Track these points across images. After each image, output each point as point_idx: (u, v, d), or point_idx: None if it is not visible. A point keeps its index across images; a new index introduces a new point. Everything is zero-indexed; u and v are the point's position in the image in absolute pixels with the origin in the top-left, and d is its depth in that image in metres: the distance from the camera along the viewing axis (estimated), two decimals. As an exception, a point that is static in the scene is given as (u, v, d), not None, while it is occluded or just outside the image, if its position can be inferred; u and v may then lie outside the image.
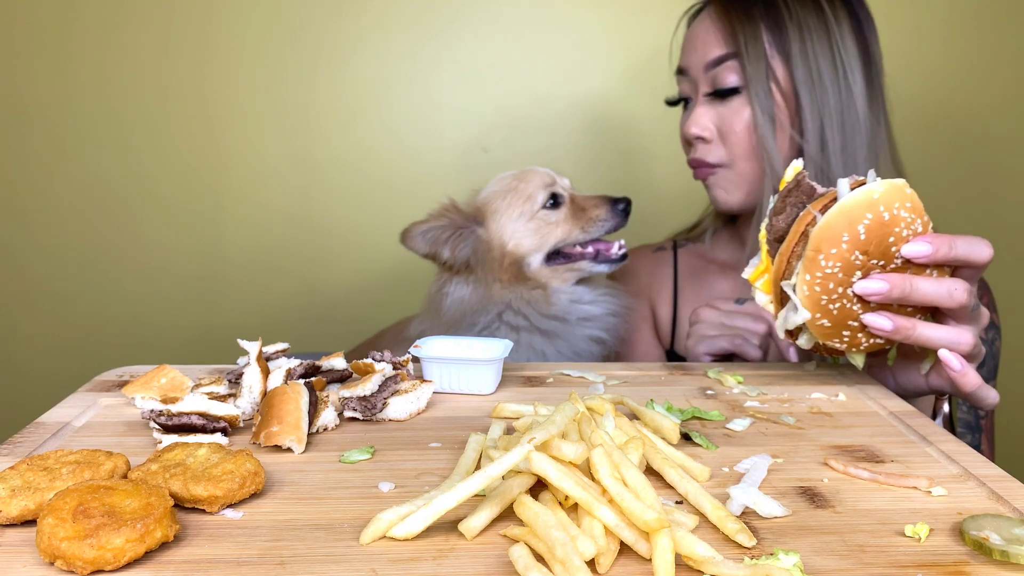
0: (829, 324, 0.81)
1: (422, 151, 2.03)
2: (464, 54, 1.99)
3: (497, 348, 0.92)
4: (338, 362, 0.90)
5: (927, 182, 0.85)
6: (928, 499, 0.64)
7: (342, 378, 0.88)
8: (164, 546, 0.55)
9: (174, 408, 0.75)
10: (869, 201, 0.75)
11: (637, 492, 0.56)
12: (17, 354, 2.09)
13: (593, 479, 0.57)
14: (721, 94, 1.16)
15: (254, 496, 0.63)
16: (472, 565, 0.54)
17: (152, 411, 0.75)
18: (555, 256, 1.46)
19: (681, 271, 1.42)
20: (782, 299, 0.84)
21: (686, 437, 0.76)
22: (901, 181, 0.77)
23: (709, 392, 0.91)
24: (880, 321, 0.79)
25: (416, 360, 0.92)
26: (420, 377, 0.90)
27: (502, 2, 1.97)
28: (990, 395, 0.88)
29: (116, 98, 1.97)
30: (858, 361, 0.88)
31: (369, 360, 0.88)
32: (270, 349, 0.91)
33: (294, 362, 0.86)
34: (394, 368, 0.88)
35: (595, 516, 0.54)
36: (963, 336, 0.80)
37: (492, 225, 1.45)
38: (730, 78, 1.14)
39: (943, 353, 0.81)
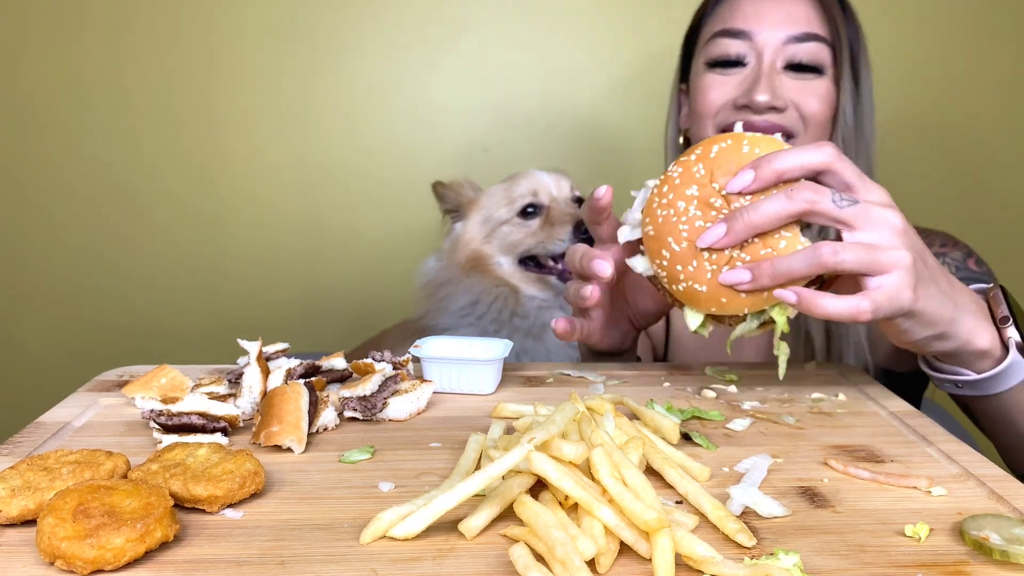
0: (653, 232, 0.74)
1: (422, 151, 2.03)
2: (464, 54, 1.99)
3: (497, 348, 0.92)
4: (338, 362, 0.90)
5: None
6: (928, 499, 0.64)
7: (342, 378, 0.88)
8: (164, 546, 0.55)
9: (174, 408, 0.75)
10: (738, 135, 0.74)
11: (637, 492, 0.56)
12: (17, 354, 2.09)
13: (593, 479, 0.57)
14: (801, 69, 1.12)
15: (254, 496, 0.63)
16: (472, 565, 0.54)
17: (152, 411, 0.75)
18: (529, 262, 1.53)
19: None
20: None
21: (686, 437, 0.76)
22: (779, 137, 0.75)
23: (709, 392, 0.91)
24: (737, 275, 0.70)
25: (416, 360, 0.92)
26: (420, 377, 0.90)
27: (502, 3, 1.97)
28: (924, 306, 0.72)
29: (118, 98, 1.97)
30: (690, 320, 0.76)
31: (369, 360, 0.88)
32: (270, 349, 0.91)
33: (294, 362, 0.86)
34: (394, 368, 0.88)
35: (595, 516, 0.54)
36: (821, 250, 0.68)
37: (471, 217, 1.54)
38: (819, 57, 1.11)
39: (807, 300, 0.69)
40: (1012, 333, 0.78)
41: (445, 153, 2.03)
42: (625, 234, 0.79)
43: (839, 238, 0.71)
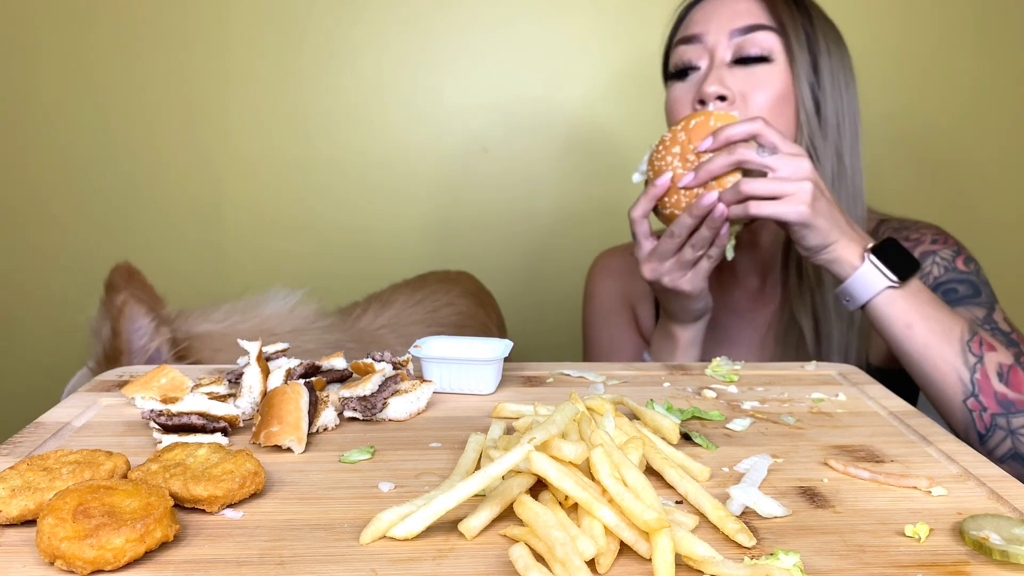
0: (652, 177, 1.13)
1: (422, 151, 2.03)
2: (464, 55, 1.99)
3: (497, 348, 0.92)
4: (338, 362, 0.90)
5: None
6: (928, 499, 0.64)
7: (342, 378, 0.88)
8: (164, 546, 0.55)
9: (174, 408, 0.75)
10: (708, 111, 1.10)
11: (637, 492, 0.56)
12: (17, 354, 2.09)
13: (593, 479, 0.57)
14: (747, 61, 1.16)
15: (254, 496, 0.63)
16: (472, 565, 0.54)
17: (152, 411, 0.75)
18: None
19: None
20: None
21: (686, 437, 0.76)
22: (736, 114, 1.10)
23: (709, 392, 0.91)
24: (708, 196, 1.04)
25: (416, 360, 0.92)
26: (420, 377, 0.90)
27: (502, 3, 1.97)
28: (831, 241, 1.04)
29: (116, 100, 1.97)
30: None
31: (369, 360, 0.88)
32: (270, 349, 0.91)
33: (294, 362, 0.86)
34: (394, 368, 0.88)
35: (595, 516, 0.54)
36: (741, 183, 1.02)
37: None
38: (763, 45, 1.15)
39: (751, 205, 1.03)
40: (871, 257, 1.03)
41: (445, 153, 2.03)
42: (636, 179, 1.17)
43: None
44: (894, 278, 1.02)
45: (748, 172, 1.05)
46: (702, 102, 1.18)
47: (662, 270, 1.12)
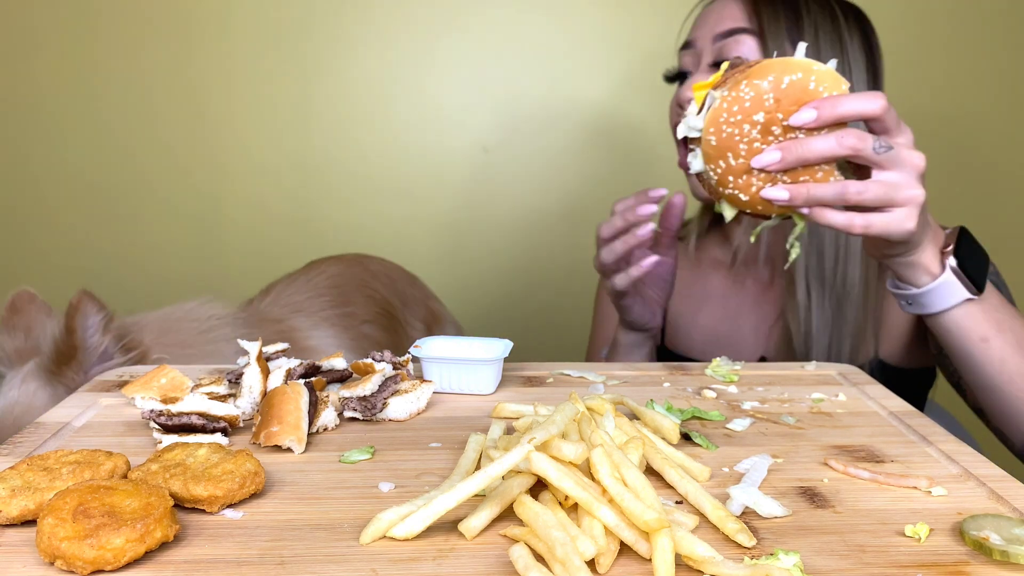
0: (715, 143, 0.83)
1: (422, 151, 2.03)
2: (464, 55, 1.99)
3: (497, 348, 0.92)
4: (338, 362, 0.90)
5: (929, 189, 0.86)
6: (928, 499, 0.64)
7: (342, 378, 0.88)
8: (164, 546, 0.55)
9: (174, 408, 0.75)
10: (808, 67, 0.80)
11: (637, 492, 0.56)
12: (17, 354, 2.09)
13: (593, 479, 0.57)
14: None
15: (254, 496, 0.63)
16: (472, 565, 0.54)
17: (152, 411, 0.75)
18: None
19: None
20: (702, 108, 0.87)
21: (686, 437, 0.76)
22: (845, 82, 0.82)
23: (709, 392, 0.91)
24: (777, 192, 0.81)
25: (416, 360, 0.92)
26: (420, 377, 0.90)
27: (502, 3, 1.97)
28: (924, 257, 0.90)
29: (114, 99, 1.97)
30: (727, 212, 0.87)
31: (369, 360, 0.88)
32: (270, 349, 0.91)
33: (294, 362, 0.86)
34: (394, 368, 0.88)
35: (595, 516, 0.54)
36: (849, 187, 0.81)
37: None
38: (738, 50, 1.16)
39: (817, 211, 0.82)
40: (951, 260, 0.92)
41: (445, 153, 2.03)
42: (682, 131, 0.88)
43: (868, 172, 0.83)
44: (975, 289, 0.92)
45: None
46: (680, 107, 1.19)
47: (602, 255, 1.10)
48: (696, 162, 0.87)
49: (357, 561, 0.54)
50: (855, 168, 0.85)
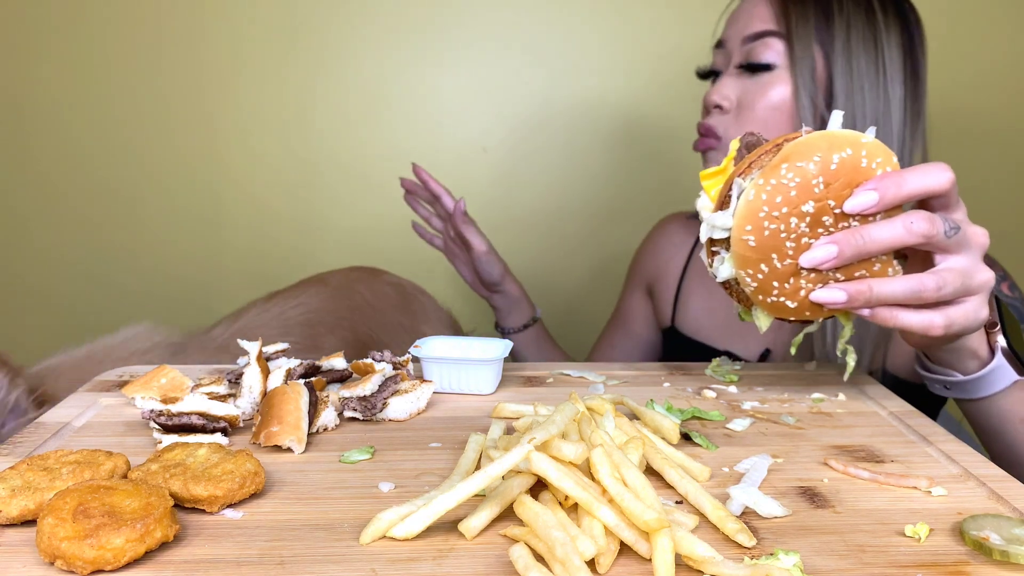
0: (754, 244, 0.69)
1: (422, 151, 2.03)
2: (464, 54, 1.99)
3: (497, 348, 0.92)
4: (338, 362, 0.90)
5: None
6: (928, 499, 0.64)
7: (342, 378, 0.88)
8: (164, 546, 0.55)
9: (174, 408, 0.75)
10: (855, 140, 0.68)
11: (637, 492, 0.56)
12: (17, 354, 2.09)
13: (593, 479, 0.57)
14: (752, 68, 1.15)
15: (254, 496, 0.63)
16: (472, 565, 0.54)
17: (152, 411, 0.75)
18: None
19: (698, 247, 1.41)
20: (723, 205, 0.72)
21: (686, 437, 0.76)
22: (893, 154, 0.71)
23: (709, 392, 0.91)
24: (831, 295, 0.68)
25: (416, 360, 0.92)
26: (420, 377, 0.90)
27: (502, 3, 1.97)
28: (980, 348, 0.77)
29: (115, 99, 1.97)
30: (762, 323, 0.75)
31: (369, 360, 0.88)
32: (270, 349, 0.91)
33: (294, 362, 0.86)
34: (394, 368, 0.88)
35: (595, 516, 0.54)
36: (925, 283, 0.68)
37: None
38: (766, 54, 1.14)
39: (882, 312, 0.69)
40: (1000, 339, 0.81)
41: (445, 153, 2.03)
42: (705, 233, 0.74)
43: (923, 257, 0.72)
44: (1021, 368, 0.83)
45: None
46: (707, 109, 1.17)
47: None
48: (724, 268, 0.73)
49: (357, 561, 0.54)
50: (900, 253, 0.72)
